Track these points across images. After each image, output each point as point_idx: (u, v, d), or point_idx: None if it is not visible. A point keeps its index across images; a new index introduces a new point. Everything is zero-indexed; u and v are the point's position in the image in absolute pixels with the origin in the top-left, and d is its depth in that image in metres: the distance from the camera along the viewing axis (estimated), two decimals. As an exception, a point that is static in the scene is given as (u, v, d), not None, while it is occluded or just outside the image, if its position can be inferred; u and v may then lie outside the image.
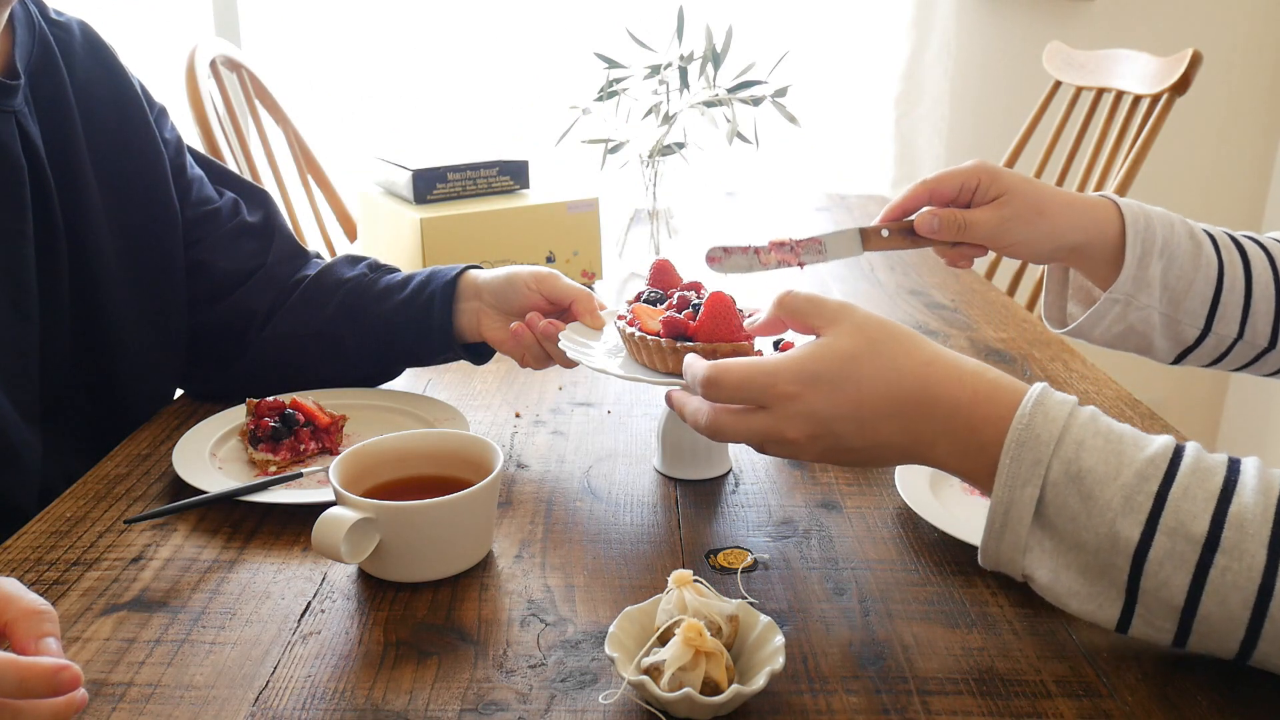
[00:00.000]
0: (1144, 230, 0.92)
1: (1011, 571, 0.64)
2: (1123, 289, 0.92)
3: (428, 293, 1.01)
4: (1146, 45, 1.92)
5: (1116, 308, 0.93)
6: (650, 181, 1.48)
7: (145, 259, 1.02)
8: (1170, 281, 0.93)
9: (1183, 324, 0.94)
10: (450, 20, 2.52)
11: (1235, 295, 0.93)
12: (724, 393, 0.68)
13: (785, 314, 0.72)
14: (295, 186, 1.97)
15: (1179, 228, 0.93)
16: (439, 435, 0.84)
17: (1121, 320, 0.94)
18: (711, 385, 0.69)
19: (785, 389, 0.66)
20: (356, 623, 0.71)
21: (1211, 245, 0.93)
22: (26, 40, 0.93)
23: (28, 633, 0.56)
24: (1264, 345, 0.95)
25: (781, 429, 0.67)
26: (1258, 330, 0.94)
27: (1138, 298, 0.93)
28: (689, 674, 0.60)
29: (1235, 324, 0.93)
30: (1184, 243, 0.93)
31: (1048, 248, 0.93)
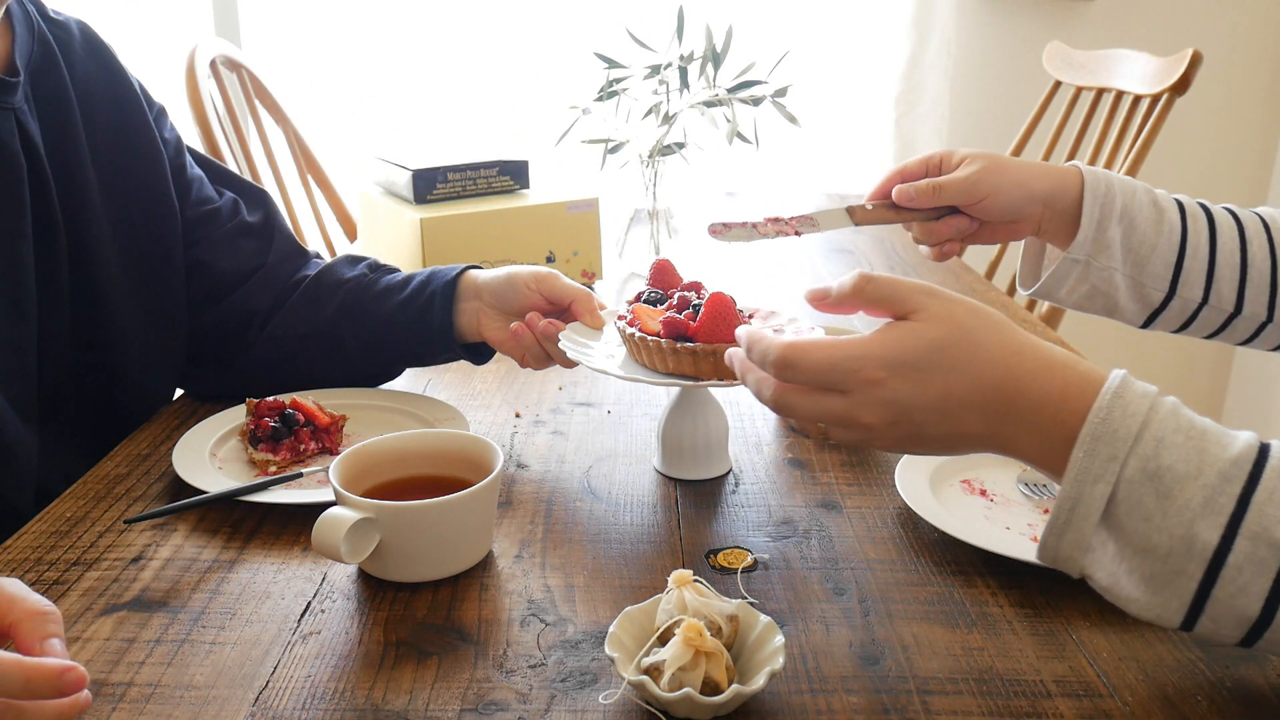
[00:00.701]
0: (1103, 194, 0.95)
1: (1069, 569, 0.62)
2: (1082, 250, 0.96)
3: (428, 293, 1.01)
4: (1146, 45, 1.92)
5: (1077, 268, 0.97)
6: (650, 181, 1.48)
7: (145, 259, 1.02)
8: (1133, 245, 0.96)
9: (1148, 286, 0.97)
10: (450, 20, 2.52)
11: (1199, 261, 0.96)
12: (800, 375, 0.65)
13: (864, 301, 0.68)
14: (295, 186, 1.97)
15: (1141, 194, 0.97)
16: (439, 435, 0.84)
17: (1084, 281, 0.98)
18: (786, 367, 0.65)
19: (871, 374, 0.63)
20: (356, 623, 0.71)
21: (1178, 212, 0.97)
22: (26, 39, 0.93)
23: (32, 633, 0.56)
24: (1230, 311, 0.98)
25: (858, 414, 0.64)
26: (1222, 295, 0.97)
27: (1097, 259, 0.96)
28: (689, 674, 0.60)
29: (1199, 289, 0.96)
30: (1146, 209, 0.96)
31: (1019, 196, 0.95)
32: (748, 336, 0.69)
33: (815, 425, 0.68)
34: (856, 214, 0.99)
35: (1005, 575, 0.77)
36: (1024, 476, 0.90)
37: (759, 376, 0.69)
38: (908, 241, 1.79)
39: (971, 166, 0.96)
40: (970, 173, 0.96)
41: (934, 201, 0.97)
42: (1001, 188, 0.95)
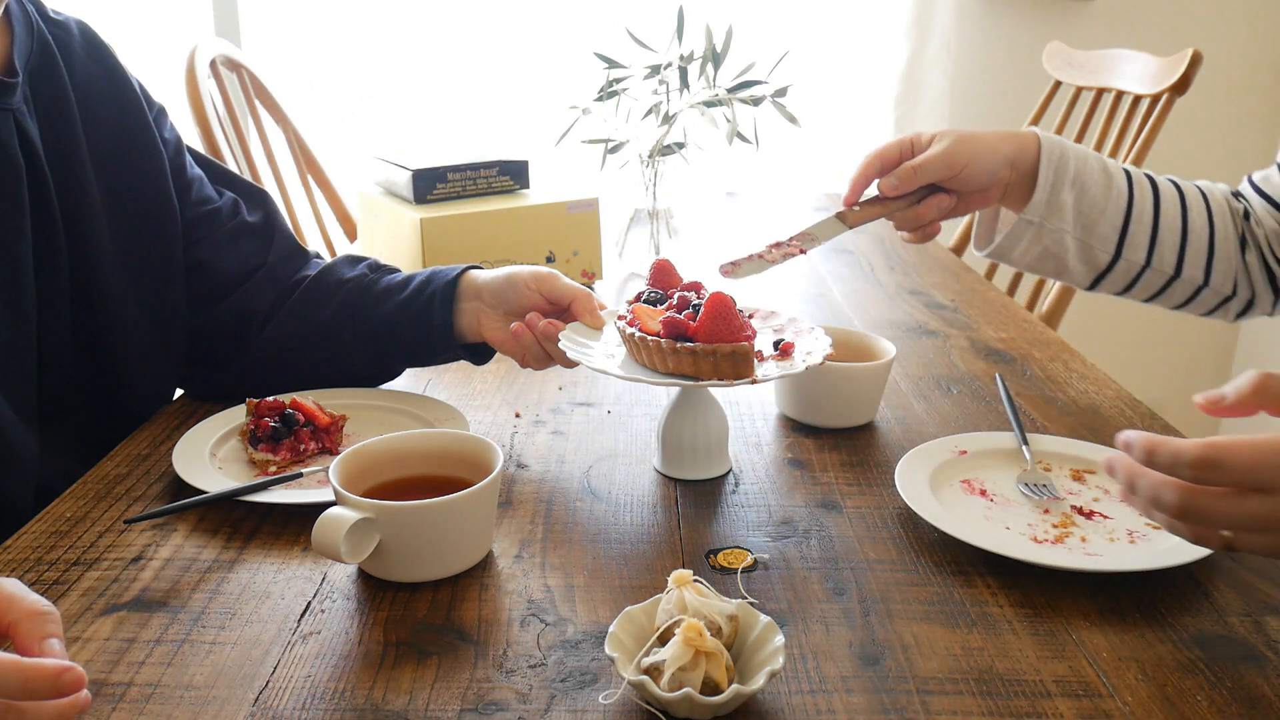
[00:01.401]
0: (1058, 159, 1.00)
1: None
2: (1036, 211, 1.01)
3: (428, 293, 1.01)
4: (1146, 45, 1.92)
5: (1031, 229, 1.02)
6: (650, 181, 1.48)
7: (145, 259, 1.02)
8: (1084, 209, 1.02)
9: (1095, 249, 1.03)
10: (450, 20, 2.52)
11: (1143, 225, 1.02)
12: (1225, 475, 0.59)
13: (1269, 399, 0.63)
14: (295, 186, 1.97)
15: (1093, 161, 1.02)
16: (439, 435, 0.84)
17: (1037, 242, 1.03)
18: (1210, 467, 0.59)
19: None
20: (356, 623, 0.71)
21: (1125, 179, 1.03)
22: (25, 39, 0.93)
23: (31, 634, 0.56)
24: (1170, 274, 1.04)
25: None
26: (1164, 259, 1.03)
27: (1050, 221, 1.02)
28: (689, 674, 0.60)
29: (1143, 252, 1.03)
30: (1096, 175, 1.02)
31: (993, 161, 0.99)
32: (1144, 440, 0.62)
33: (1220, 534, 0.61)
34: (849, 218, 1.02)
35: (1005, 575, 0.77)
36: (1024, 477, 0.90)
37: (1157, 480, 0.62)
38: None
39: (943, 142, 0.99)
40: (943, 148, 0.99)
41: (916, 183, 1.00)
42: (975, 156, 0.99)
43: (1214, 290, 1.05)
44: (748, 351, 0.82)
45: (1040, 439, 0.96)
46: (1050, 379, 1.16)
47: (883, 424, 1.04)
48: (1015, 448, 0.95)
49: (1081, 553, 0.79)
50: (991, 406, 1.08)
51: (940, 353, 1.25)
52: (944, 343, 1.28)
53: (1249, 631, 0.70)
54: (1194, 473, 0.60)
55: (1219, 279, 1.04)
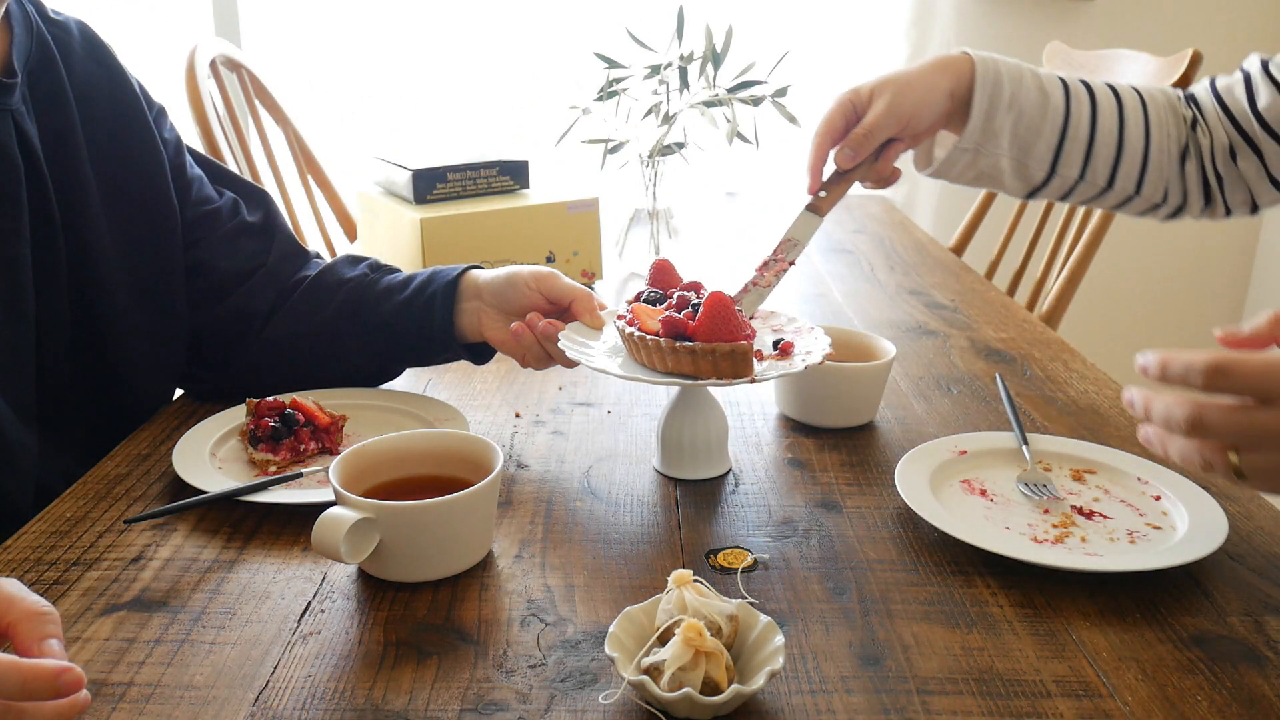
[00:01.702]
0: (992, 84, 1.00)
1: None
2: (971, 139, 1.02)
3: (429, 292, 1.01)
4: (1146, 45, 1.92)
5: (967, 156, 1.03)
6: (650, 181, 1.48)
7: (144, 258, 1.02)
8: (1020, 132, 1.02)
9: (1031, 168, 1.04)
10: (450, 20, 2.52)
11: (1078, 143, 1.02)
12: (1233, 381, 0.62)
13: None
14: (295, 186, 1.97)
15: (1029, 80, 1.02)
16: (439, 435, 0.84)
17: (973, 166, 1.04)
18: (1220, 374, 0.62)
19: None
20: (356, 623, 0.71)
21: (1062, 94, 1.02)
22: (24, 39, 0.93)
23: (30, 634, 0.56)
24: (1103, 185, 1.05)
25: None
26: (1098, 172, 1.04)
27: (986, 146, 1.02)
28: (689, 674, 0.60)
29: (1077, 167, 1.03)
30: (1033, 95, 1.01)
31: (936, 99, 1.00)
32: (1159, 356, 0.65)
33: (1228, 456, 0.64)
34: (821, 207, 1.02)
35: (1005, 575, 0.77)
36: (1024, 476, 0.90)
37: (1170, 399, 0.65)
38: (906, 239, 1.79)
39: (884, 96, 0.99)
40: (888, 102, 0.98)
41: (871, 147, 1.00)
42: (920, 102, 0.99)
43: (1144, 199, 1.06)
44: (746, 351, 0.82)
45: (1040, 439, 0.96)
46: (1050, 379, 1.16)
47: (883, 424, 1.04)
48: (1015, 448, 0.95)
49: (1081, 553, 0.79)
50: (991, 406, 1.08)
51: (940, 353, 1.25)
52: (944, 343, 1.28)
53: (1249, 631, 0.70)
54: (1205, 380, 0.62)
55: (1150, 189, 1.05)
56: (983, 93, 1.00)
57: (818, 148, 1.01)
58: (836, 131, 1.01)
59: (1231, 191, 1.06)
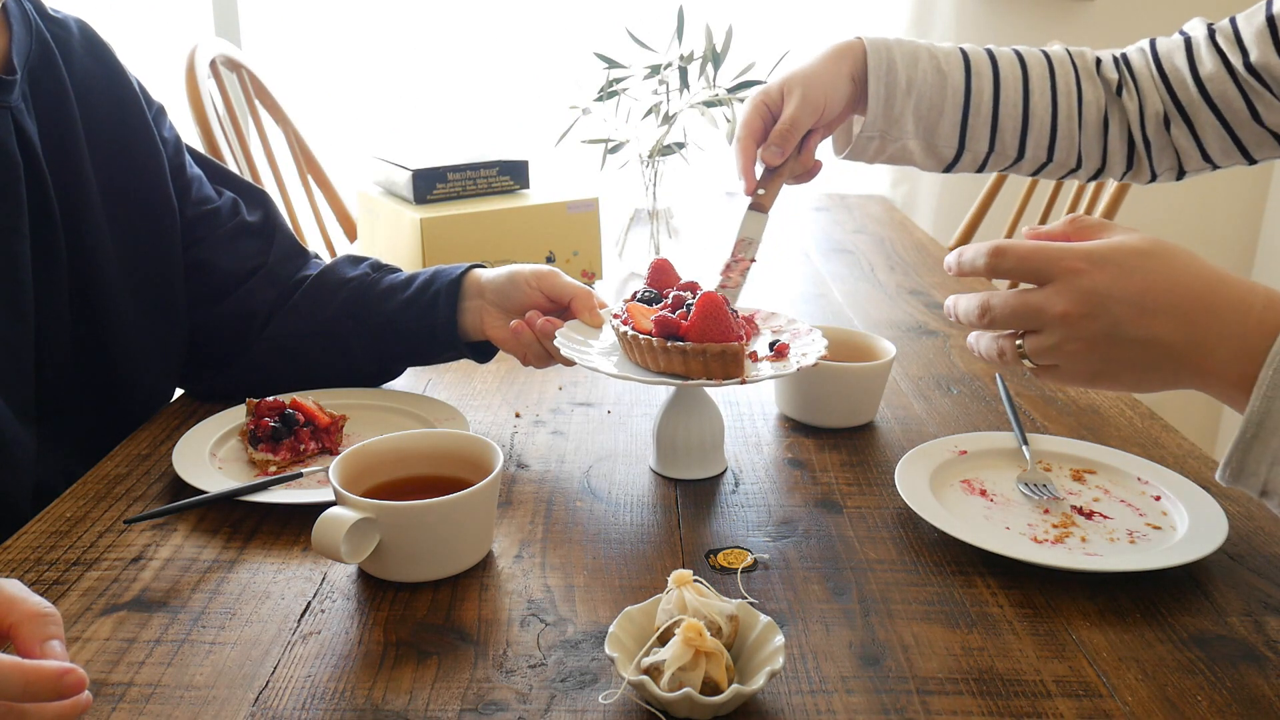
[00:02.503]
0: (886, 71, 1.01)
1: (1250, 487, 0.63)
2: (874, 127, 1.03)
3: (432, 291, 1.01)
4: (1146, 45, 1.91)
5: (874, 142, 1.04)
6: (650, 181, 1.48)
7: (144, 258, 1.02)
8: (921, 113, 1.03)
9: (939, 146, 1.05)
10: (450, 20, 2.52)
11: (982, 118, 1.03)
12: (1008, 261, 0.68)
13: (1074, 228, 0.71)
14: (295, 186, 1.97)
15: (924, 62, 1.03)
16: (439, 435, 0.84)
17: (882, 151, 1.06)
18: (998, 254, 0.68)
19: (1071, 263, 0.65)
20: (356, 623, 0.71)
21: (962, 70, 1.03)
22: (24, 37, 0.93)
23: (32, 635, 0.56)
24: (1013, 156, 1.06)
25: (1057, 303, 0.65)
26: (1005, 144, 1.04)
27: (890, 132, 1.03)
28: (689, 674, 0.60)
29: (985, 141, 1.04)
30: (930, 76, 1.02)
31: (841, 87, 1.01)
32: (958, 249, 0.72)
33: (1014, 343, 0.69)
34: (764, 203, 1.03)
35: (1005, 575, 0.77)
36: (1024, 477, 0.90)
37: (968, 295, 0.71)
38: (906, 239, 1.79)
39: (795, 92, 1.00)
40: (801, 96, 1.00)
41: (795, 139, 1.01)
42: (828, 89, 1.01)
43: (1058, 164, 1.07)
44: (738, 352, 0.82)
45: (1040, 439, 0.96)
46: (1050, 379, 1.16)
47: (883, 424, 1.04)
48: (1015, 448, 0.95)
49: (1081, 553, 0.79)
50: (991, 406, 1.08)
51: (940, 353, 1.25)
52: (944, 343, 1.28)
53: (1249, 631, 0.70)
54: (987, 260, 0.69)
55: (1062, 154, 1.06)
56: (877, 81, 1.01)
57: (744, 150, 1.02)
58: (757, 132, 1.02)
59: (1159, 158, 1.06)
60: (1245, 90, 0.98)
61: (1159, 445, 0.99)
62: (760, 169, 1.04)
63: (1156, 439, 1.00)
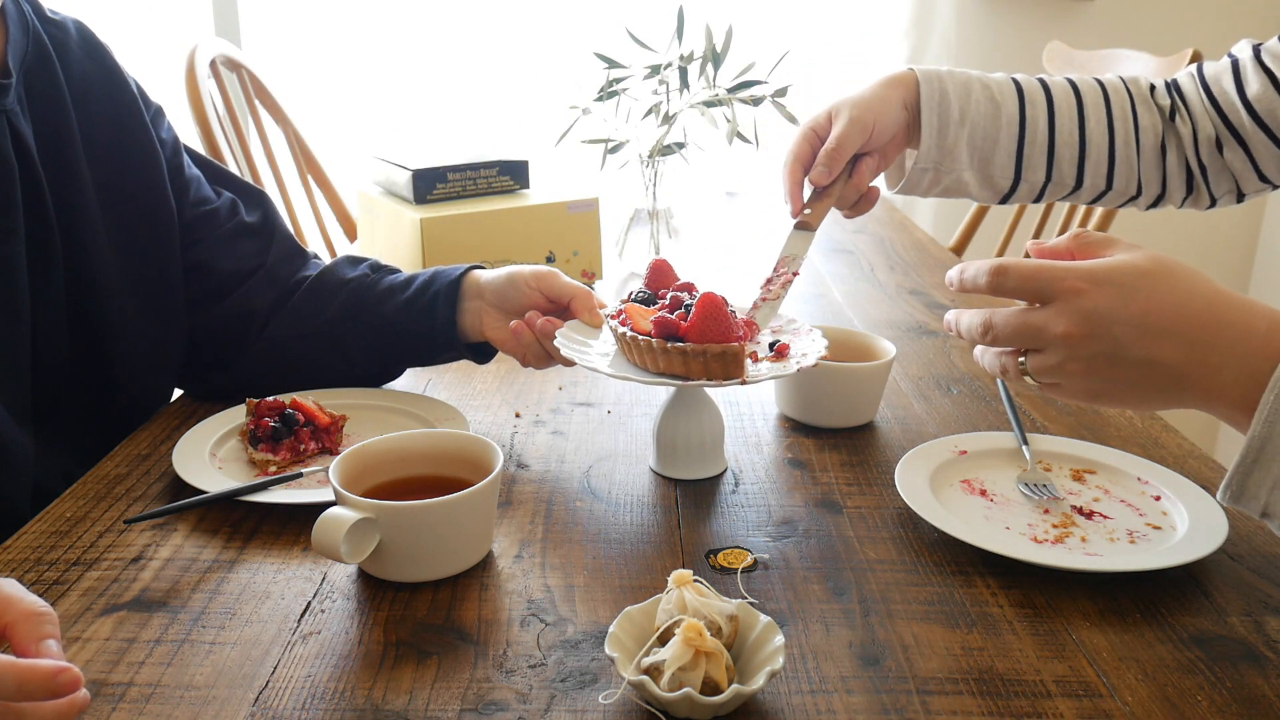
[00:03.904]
0: (939, 103, 1.01)
1: (1251, 509, 0.63)
2: (928, 159, 1.03)
3: (431, 292, 1.01)
4: (1146, 45, 1.92)
5: (928, 174, 1.04)
6: (650, 181, 1.48)
7: (142, 258, 1.02)
8: (976, 144, 1.03)
9: (995, 177, 1.05)
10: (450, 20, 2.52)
11: (1038, 147, 1.03)
12: (1010, 281, 0.67)
13: (1078, 245, 0.70)
14: (295, 186, 1.97)
15: (977, 92, 1.02)
16: (439, 435, 0.84)
17: (936, 184, 1.06)
18: (999, 274, 0.67)
19: (1073, 283, 0.65)
20: (356, 623, 0.71)
21: (1016, 100, 1.03)
22: (20, 39, 0.93)
23: (28, 635, 0.56)
24: (1071, 184, 1.05)
25: (1057, 323, 0.65)
26: (1063, 172, 1.04)
27: (944, 164, 1.03)
28: (689, 674, 0.60)
29: (1042, 171, 1.04)
30: (983, 106, 1.02)
31: (893, 111, 1.01)
32: (959, 266, 0.71)
33: (1016, 361, 0.69)
34: (810, 222, 1.01)
35: (1005, 575, 0.77)
36: (1024, 477, 0.90)
37: (971, 314, 0.71)
38: (906, 239, 1.79)
39: (844, 114, 1.00)
40: (849, 117, 0.99)
41: (842, 161, 1.00)
42: (878, 113, 1.00)
43: (1118, 192, 1.06)
44: (738, 352, 0.82)
45: (1040, 439, 0.96)
46: (1050, 379, 1.16)
47: (883, 424, 1.04)
48: (1015, 448, 0.95)
49: (1081, 553, 0.79)
50: (991, 406, 1.08)
51: (940, 353, 1.25)
52: (944, 343, 1.28)
53: (1249, 631, 0.70)
54: (988, 279, 0.68)
55: (1121, 183, 1.05)
56: (930, 112, 1.01)
57: (791, 175, 1.01)
58: (805, 157, 1.01)
59: (1216, 182, 1.06)
60: None
61: (1159, 445, 0.99)
62: (809, 192, 1.02)
63: (1156, 439, 1.00)
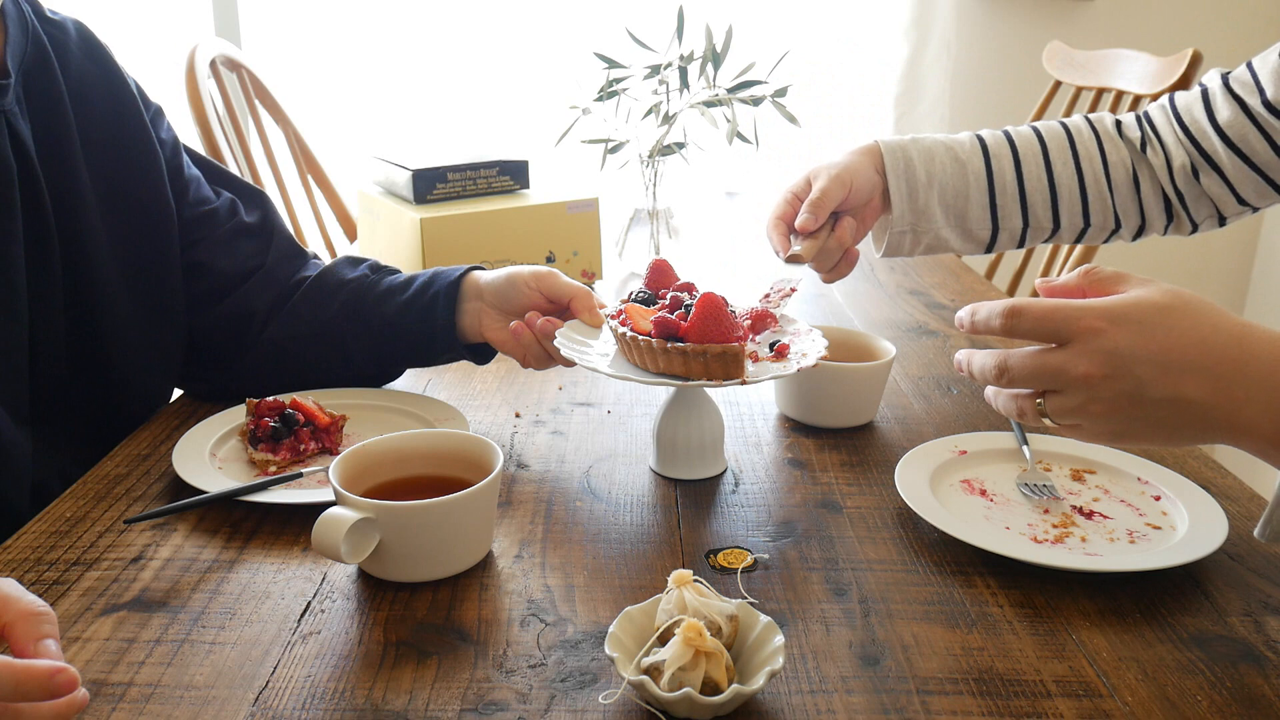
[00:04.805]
0: (904, 170, 1.06)
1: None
2: (903, 221, 1.07)
3: (431, 293, 1.01)
4: (1146, 45, 1.92)
5: (908, 236, 1.09)
6: (650, 181, 1.48)
7: (141, 259, 1.02)
8: (948, 202, 1.07)
9: (974, 230, 1.09)
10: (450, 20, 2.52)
11: (1009, 197, 1.07)
12: (1025, 323, 0.66)
13: (1089, 281, 0.69)
14: (295, 186, 1.97)
15: (940, 154, 1.07)
16: (439, 435, 0.84)
17: (918, 244, 1.10)
18: (1014, 315, 0.66)
19: (1091, 323, 0.63)
20: (356, 623, 0.71)
21: (981, 156, 1.07)
22: (19, 39, 0.93)
23: (26, 634, 0.56)
24: (1050, 227, 1.08)
25: (1078, 364, 0.64)
26: (1039, 216, 1.07)
27: (920, 224, 1.07)
28: (689, 674, 0.60)
29: (1018, 218, 1.08)
30: (948, 166, 1.06)
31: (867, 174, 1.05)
32: (970, 307, 0.70)
33: (1034, 403, 0.68)
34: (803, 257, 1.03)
35: (1005, 575, 0.77)
36: (1024, 477, 0.90)
37: (984, 353, 0.70)
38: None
39: (821, 174, 1.04)
40: (828, 175, 1.03)
41: (826, 211, 1.03)
42: (854, 173, 1.04)
43: (1098, 228, 1.09)
44: (738, 352, 0.82)
45: (1040, 439, 0.96)
46: (1050, 379, 1.16)
47: (883, 424, 1.04)
48: (1015, 448, 0.95)
49: (1081, 553, 0.79)
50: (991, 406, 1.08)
51: (940, 353, 1.25)
52: (944, 343, 1.28)
53: (1249, 631, 0.70)
54: (1002, 322, 0.67)
55: (1098, 218, 1.08)
56: (896, 178, 1.06)
57: (776, 228, 1.05)
58: (788, 216, 1.05)
59: (1195, 208, 1.08)
60: (1265, 129, 1.00)
61: (1159, 445, 0.99)
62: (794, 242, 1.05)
63: (1156, 439, 1.00)
